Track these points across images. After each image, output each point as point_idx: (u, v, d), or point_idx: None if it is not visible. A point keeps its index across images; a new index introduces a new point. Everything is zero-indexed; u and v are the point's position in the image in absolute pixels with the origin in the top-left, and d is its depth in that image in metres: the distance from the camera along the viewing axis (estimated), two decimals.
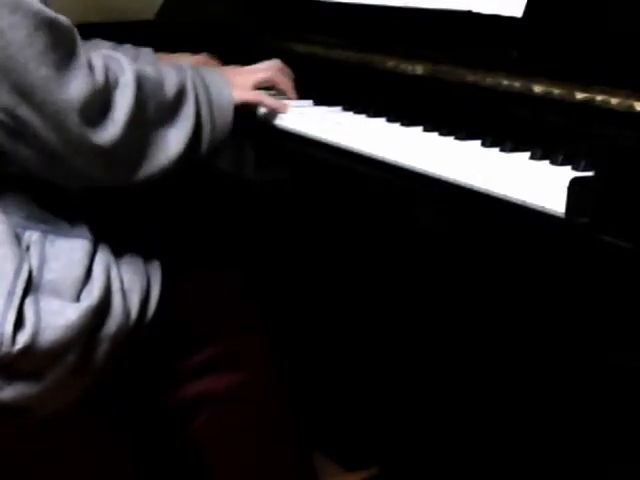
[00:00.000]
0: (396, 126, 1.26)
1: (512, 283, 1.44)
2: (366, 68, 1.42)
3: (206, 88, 1.29)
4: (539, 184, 0.97)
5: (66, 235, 1.22)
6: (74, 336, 1.16)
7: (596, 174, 0.96)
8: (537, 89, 1.15)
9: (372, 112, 1.32)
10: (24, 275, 1.15)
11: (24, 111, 1.11)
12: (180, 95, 1.25)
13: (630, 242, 0.88)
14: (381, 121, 1.29)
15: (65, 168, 1.17)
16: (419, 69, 1.34)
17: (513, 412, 1.51)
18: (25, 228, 1.20)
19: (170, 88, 1.24)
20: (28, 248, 1.19)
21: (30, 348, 1.13)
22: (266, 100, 1.38)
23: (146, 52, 1.55)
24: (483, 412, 1.57)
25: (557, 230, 0.94)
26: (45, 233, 1.21)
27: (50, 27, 1.11)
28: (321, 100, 1.43)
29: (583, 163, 1.01)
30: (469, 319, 1.57)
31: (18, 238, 1.18)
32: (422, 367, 1.69)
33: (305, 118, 1.34)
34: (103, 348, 1.20)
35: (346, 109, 1.37)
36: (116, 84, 1.17)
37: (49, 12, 1.11)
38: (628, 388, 1.28)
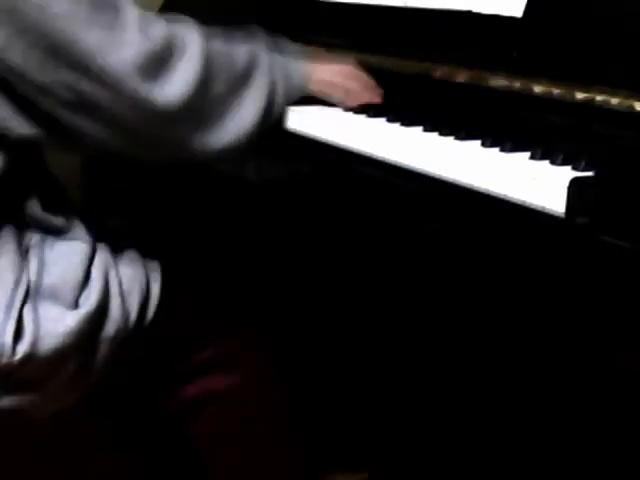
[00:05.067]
0: (396, 126, 1.26)
1: (512, 283, 1.44)
2: (366, 68, 1.41)
3: (282, 62, 1.30)
4: (539, 184, 0.97)
5: (65, 238, 1.22)
6: (73, 342, 1.16)
7: (596, 174, 0.96)
8: (537, 89, 1.15)
9: (372, 112, 1.32)
10: (24, 286, 1.15)
11: (86, 84, 1.11)
12: (251, 66, 1.25)
13: (630, 242, 0.88)
14: (381, 121, 1.29)
15: (136, 138, 1.17)
16: (419, 69, 1.34)
17: (513, 414, 1.51)
18: (25, 232, 1.20)
19: (241, 60, 1.24)
20: (27, 251, 1.18)
21: (30, 357, 1.13)
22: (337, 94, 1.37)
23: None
24: (483, 414, 1.57)
25: (557, 230, 0.94)
26: (45, 237, 1.20)
27: None
28: None
29: (583, 163, 1.01)
30: (469, 320, 1.57)
31: (18, 242, 1.18)
32: (422, 368, 1.68)
33: (305, 118, 1.34)
34: (102, 351, 1.20)
35: (346, 109, 1.37)
36: (182, 54, 1.16)
37: None
38: (628, 388, 1.28)
